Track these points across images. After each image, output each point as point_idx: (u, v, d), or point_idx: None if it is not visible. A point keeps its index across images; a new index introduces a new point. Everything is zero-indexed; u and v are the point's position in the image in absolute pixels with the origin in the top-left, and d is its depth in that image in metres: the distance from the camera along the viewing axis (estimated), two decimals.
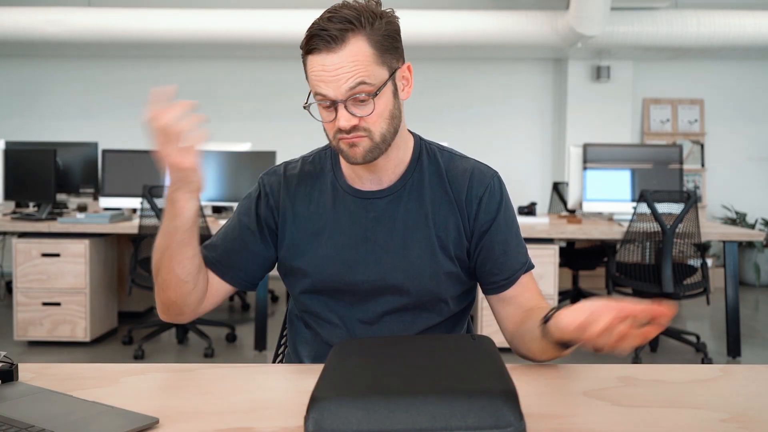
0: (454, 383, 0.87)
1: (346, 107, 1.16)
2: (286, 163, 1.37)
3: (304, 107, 1.21)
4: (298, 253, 1.31)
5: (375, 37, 1.17)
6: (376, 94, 1.17)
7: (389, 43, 1.20)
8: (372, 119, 1.18)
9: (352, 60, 1.15)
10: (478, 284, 1.37)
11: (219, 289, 1.32)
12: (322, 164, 1.34)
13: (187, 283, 1.24)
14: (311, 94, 1.20)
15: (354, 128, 1.17)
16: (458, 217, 1.29)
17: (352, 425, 0.81)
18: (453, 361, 0.95)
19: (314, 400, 0.84)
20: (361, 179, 1.30)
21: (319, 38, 1.16)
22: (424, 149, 1.33)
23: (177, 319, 1.32)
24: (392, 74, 1.20)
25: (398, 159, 1.29)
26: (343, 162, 1.32)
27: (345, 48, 1.15)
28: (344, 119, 1.16)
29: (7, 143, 4.87)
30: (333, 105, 1.17)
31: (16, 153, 4.49)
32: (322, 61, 1.16)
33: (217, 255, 1.32)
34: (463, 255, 1.30)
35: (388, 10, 1.21)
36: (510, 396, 0.84)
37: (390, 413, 0.82)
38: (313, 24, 1.18)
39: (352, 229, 1.28)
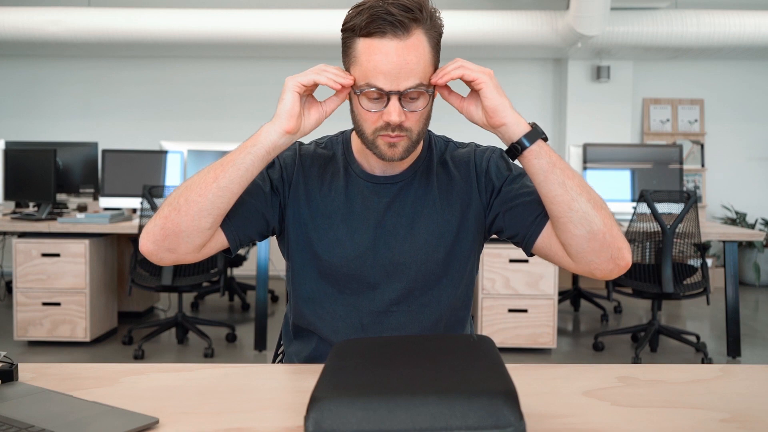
0: (454, 383, 0.87)
1: (399, 101, 1.15)
2: (299, 142, 1.36)
3: (355, 92, 1.18)
4: (309, 231, 1.30)
5: (432, 33, 1.17)
6: (431, 95, 1.19)
7: (439, 41, 1.20)
8: (415, 118, 1.19)
9: (416, 58, 1.14)
10: (525, 245, 1.28)
11: (215, 239, 1.24)
12: (335, 149, 1.35)
13: (207, 218, 1.17)
14: (358, 84, 1.17)
15: (399, 126, 1.17)
16: (465, 200, 1.30)
17: (352, 425, 0.81)
18: (453, 361, 0.95)
19: (314, 400, 0.84)
20: (373, 166, 1.31)
21: (386, 22, 1.12)
22: (432, 138, 1.36)
23: (164, 256, 1.20)
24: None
25: (414, 152, 1.30)
26: (355, 148, 1.32)
27: (409, 39, 1.14)
28: (396, 113, 1.15)
29: (7, 143, 4.87)
30: (383, 97, 1.16)
31: (16, 153, 4.49)
32: (386, 49, 1.13)
33: None
34: (472, 236, 1.31)
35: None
36: (510, 396, 0.84)
37: (390, 413, 0.82)
38: (370, 6, 1.14)
39: (365, 214, 1.29)
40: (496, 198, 1.30)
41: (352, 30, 1.16)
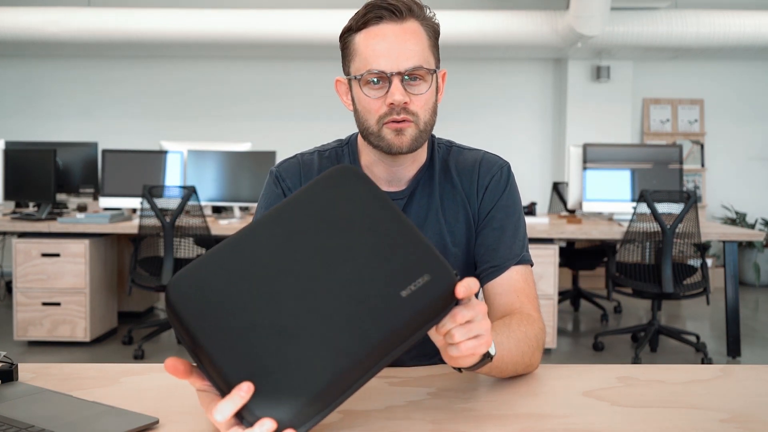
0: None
1: (401, 82, 1.14)
2: (301, 155, 1.32)
3: (356, 78, 1.17)
4: None
5: (428, 27, 1.19)
6: (434, 73, 1.18)
7: (437, 40, 1.22)
8: (420, 103, 1.16)
9: (414, 41, 1.15)
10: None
11: None
12: (340, 161, 1.30)
13: None
14: (353, 78, 1.17)
15: (404, 109, 1.15)
16: (467, 209, 1.28)
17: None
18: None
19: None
20: (379, 181, 1.27)
21: (382, 8, 1.15)
22: (435, 146, 1.32)
23: None
24: (437, 70, 1.21)
25: (420, 160, 1.28)
26: (364, 162, 1.28)
27: (406, 24, 1.16)
28: (399, 93, 1.13)
29: (7, 143, 4.86)
30: (385, 81, 1.15)
31: (16, 153, 4.49)
32: (383, 32, 1.14)
33: None
34: (473, 247, 1.30)
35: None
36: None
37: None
38: (365, 4, 1.17)
39: None
40: (479, 219, 1.29)
41: (349, 30, 1.19)
